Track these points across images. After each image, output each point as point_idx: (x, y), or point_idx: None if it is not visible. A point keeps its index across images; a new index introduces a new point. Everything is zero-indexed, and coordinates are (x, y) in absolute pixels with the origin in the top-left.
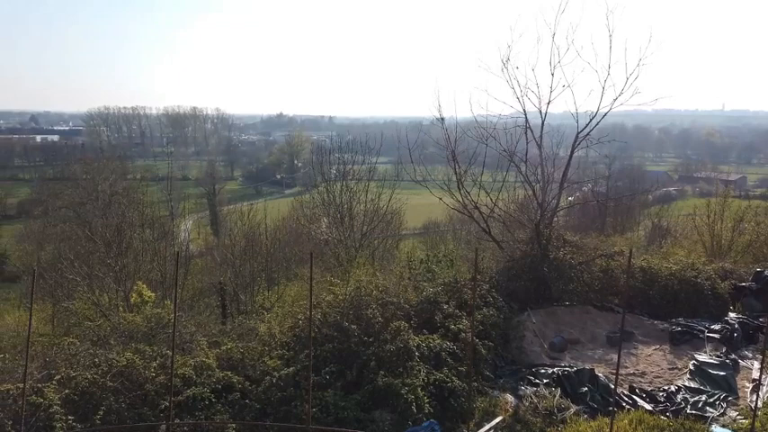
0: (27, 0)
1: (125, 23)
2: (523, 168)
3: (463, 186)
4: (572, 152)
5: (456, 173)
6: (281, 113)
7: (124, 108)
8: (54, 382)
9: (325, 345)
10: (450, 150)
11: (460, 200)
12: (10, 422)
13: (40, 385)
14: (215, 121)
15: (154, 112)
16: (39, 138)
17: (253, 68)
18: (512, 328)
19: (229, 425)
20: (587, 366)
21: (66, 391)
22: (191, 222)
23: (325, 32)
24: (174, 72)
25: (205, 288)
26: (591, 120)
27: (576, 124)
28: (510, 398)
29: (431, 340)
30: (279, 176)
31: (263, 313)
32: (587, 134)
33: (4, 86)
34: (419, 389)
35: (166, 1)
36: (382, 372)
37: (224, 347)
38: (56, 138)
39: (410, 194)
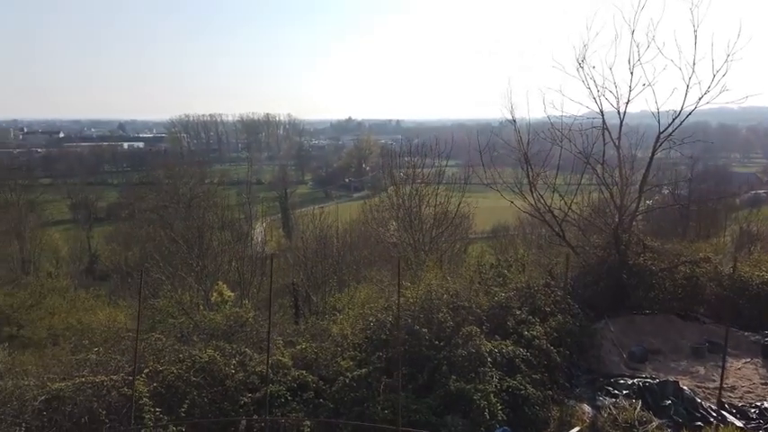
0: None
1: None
2: (600, 170)
3: (536, 189)
4: (653, 153)
5: (528, 175)
6: (349, 118)
7: (202, 115)
8: (143, 375)
9: (397, 348)
10: (523, 152)
11: (533, 203)
12: (104, 411)
13: (130, 378)
14: (287, 126)
15: (230, 118)
16: (126, 145)
17: (323, 74)
18: (588, 336)
19: (305, 423)
20: (671, 378)
21: (154, 384)
22: (264, 225)
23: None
24: (248, 79)
25: (279, 289)
26: (674, 119)
27: (658, 124)
28: (587, 408)
29: (503, 346)
30: (347, 180)
31: (335, 314)
32: (670, 134)
33: (97, 97)
34: (492, 395)
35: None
36: (454, 376)
37: (299, 347)
38: (141, 145)
39: (479, 197)
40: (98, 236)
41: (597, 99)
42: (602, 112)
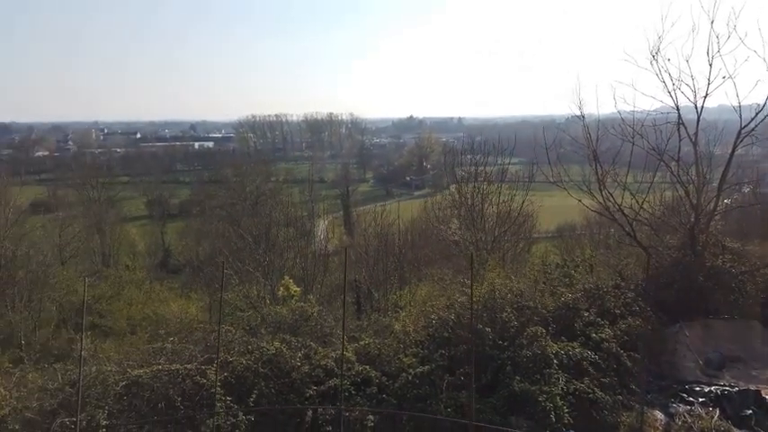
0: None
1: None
2: (675, 168)
3: (605, 187)
4: (733, 149)
5: (597, 173)
6: (411, 116)
7: (268, 116)
8: (215, 365)
9: (460, 346)
10: (592, 149)
11: (602, 201)
12: (179, 398)
13: (203, 367)
14: (349, 125)
15: (294, 118)
16: (197, 144)
17: (384, 73)
18: (661, 341)
19: (368, 417)
20: (751, 387)
21: (225, 374)
22: (326, 222)
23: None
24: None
25: (341, 285)
26: (757, 114)
27: (739, 119)
28: (659, 415)
29: (570, 348)
30: (408, 178)
31: (397, 311)
32: (752, 129)
33: (170, 99)
34: (558, 397)
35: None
36: (518, 377)
37: (362, 342)
38: (211, 144)
39: (543, 196)
40: (171, 231)
41: (672, 93)
42: (677, 106)
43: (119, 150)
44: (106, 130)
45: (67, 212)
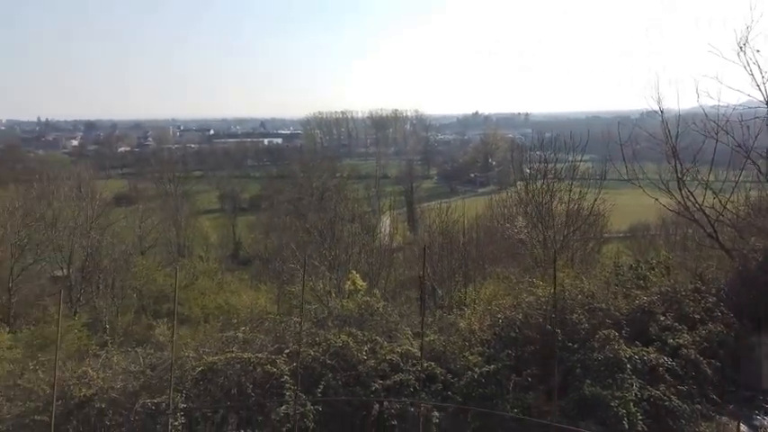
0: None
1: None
2: (763, 166)
3: (685, 186)
4: None
5: (676, 171)
6: (476, 112)
7: (334, 113)
8: (284, 355)
9: (527, 346)
10: (671, 146)
11: (680, 201)
12: (251, 385)
13: (273, 357)
14: (413, 122)
15: (360, 115)
16: (266, 141)
17: (449, 69)
18: (745, 349)
19: (433, 413)
20: None
21: (294, 364)
22: (390, 218)
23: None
24: (378, 76)
25: (405, 281)
26: None
27: None
28: (742, 427)
29: (645, 353)
30: (473, 175)
31: (462, 309)
32: None
33: (244, 97)
34: (631, 403)
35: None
36: (588, 381)
37: (427, 339)
38: (279, 141)
39: (615, 194)
40: (242, 224)
41: (761, 86)
42: (767, 100)
43: (193, 146)
44: (182, 127)
45: (147, 205)
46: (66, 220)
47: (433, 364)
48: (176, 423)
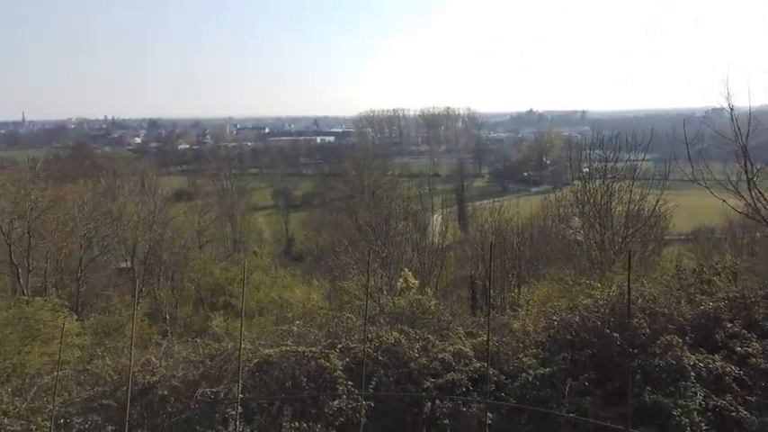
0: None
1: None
2: None
3: (755, 186)
4: None
5: (746, 171)
6: (530, 110)
7: (386, 111)
8: (336, 350)
9: (584, 350)
10: (741, 145)
11: (750, 203)
12: (305, 378)
13: (326, 351)
14: (465, 120)
15: (411, 113)
16: (319, 139)
17: (503, 66)
18: None
19: (487, 413)
20: None
21: (347, 359)
22: (440, 217)
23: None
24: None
25: (456, 280)
26: None
27: None
28: None
29: (710, 361)
30: (526, 174)
31: (515, 310)
32: None
33: (296, 95)
34: (695, 413)
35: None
36: (649, 387)
37: (480, 339)
38: (331, 139)
39: (678, 195)
40: (294, 221)
41: None
42: None
43: (249, 144)
44: (239, 126)
45: (205, 201)
46: (131, 215)
47: (485, 364)
48: (233, 413)
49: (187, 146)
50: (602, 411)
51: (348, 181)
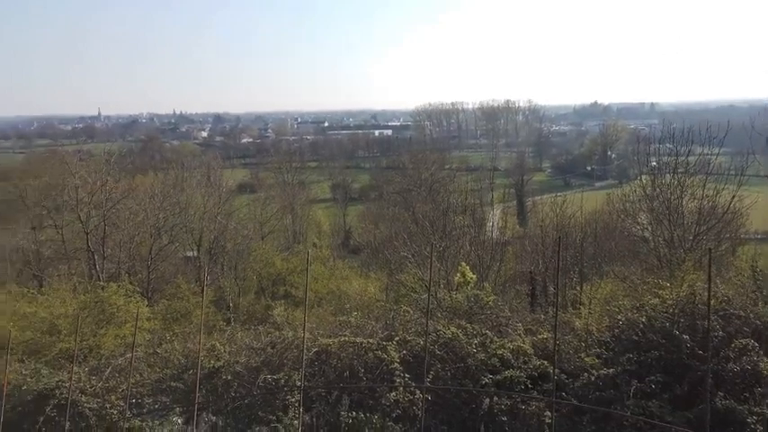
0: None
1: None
2: None
3: None
4: None
5: None
6: (595, 102)
7: (444, 104)
8: (394, 342)
9: (651, 351)
10: None
11: None
12: (362, 369)
13: (384, 343)
14: (526, 113)
15: (470, 106)
16: (377, 132)
17: (565, 57)
18: None
19: (545, 413)
20: None
21: (404, 352)
22: (498, 211)
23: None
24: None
25: (515, 276)
26: None
27: None
28: None
29: None
30: (589, 168)
31: (578, 308)
32: None
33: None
34: None
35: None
36: (721, 393)
37: (540, 336)
38: (389, 132)
39: (756, 191)
40: (352, 214)
41: None
42: None
43: (309, 138)
44: (299, 120)
45: (266, 193)
46: (197, 206)
47: (545, 362)
48: (293, 400)
49: (250, 140)
50: (668, 415)
51: (405, 174)
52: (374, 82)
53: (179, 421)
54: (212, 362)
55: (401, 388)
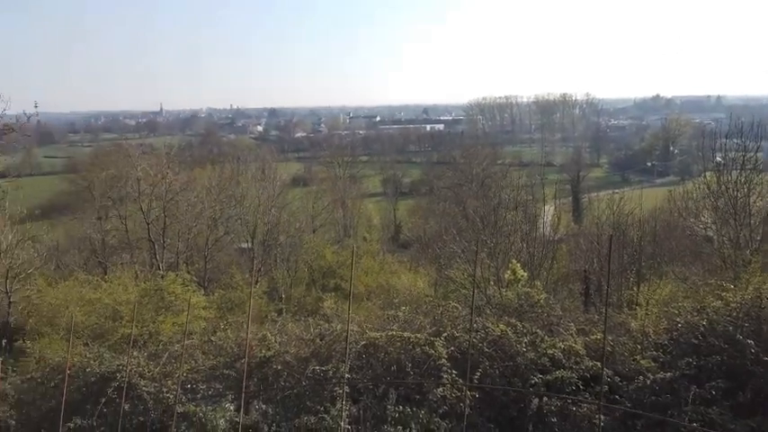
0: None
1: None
2: None
3: None
4: None
5: None
6: (657, 95)
7: (498, 98)
8: (442, 338)
9: (712, 356)
10: None
11: None
12: (410, 364)
13: (431, 338)
14: (583, 106)
15: (524, 100)
16: (428, 127)
17: (626, 48)
18: None
19: (596, 416)
20: None
21: (452, 348)
22: (553, 207)
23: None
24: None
25: (568, 274)
26: None
27: None
28: None
29: None
30: (650, 164)
31: (634, 308)
32: None
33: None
34: None
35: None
36: None
37: (593, 337)
38: (441, 127)
39: None
40: (402, 208)
41: None
42: None
43: (361, 132)
44: (351, 114)
45: (318, 187)
46: (252, 198)
47: (598, 364)
48: (341, 391)
49: (303, 134)
50: (730, 423)
51: (456, 169)
52: (426, 76)
53: (231, 408)
54: (263, 351)
55: (448, 384)
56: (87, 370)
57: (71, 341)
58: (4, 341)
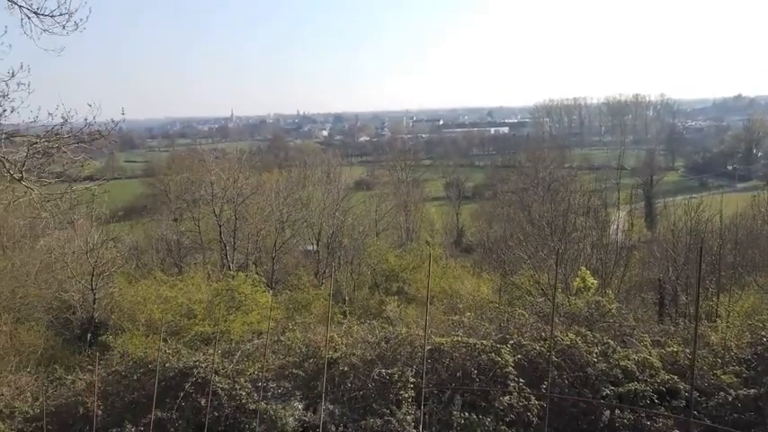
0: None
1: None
2: None
3: None
4: None
5: None
6: (738, 95)
7: (566, 99)
8: (508, 345)
9: None
10: None
11: None
12: (475, 370)
13: (498, 346)
14: (657, 107)
15: (594, 101)
16: (492, 130)
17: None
18: None
19: (674, 430)
20: None
21: (518, 356)
22: (624, 213)
23: None
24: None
25: (641, 283)
26: None
27: None
28: None
29: None
30: (730, 167)
31: (714, 320)
32: None
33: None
34: None
35: None
36: None
37: (669, 349)
38: (506, 129)
39: None
40: (465, 212)
41: None
42: None
43: (424, 136)
44: (414, 118)
45: (382, 190)
46: (317, 202)
47: (675, 377)
48: (406, 395)
49: (367, 138)
50: None
51: (522, 173)
52: (490, 78)
53: (300, 407)
54: (330, 352)
55: (515, 393)
56: (167, 365)
57: (159, 338)
58: (89, 335)
